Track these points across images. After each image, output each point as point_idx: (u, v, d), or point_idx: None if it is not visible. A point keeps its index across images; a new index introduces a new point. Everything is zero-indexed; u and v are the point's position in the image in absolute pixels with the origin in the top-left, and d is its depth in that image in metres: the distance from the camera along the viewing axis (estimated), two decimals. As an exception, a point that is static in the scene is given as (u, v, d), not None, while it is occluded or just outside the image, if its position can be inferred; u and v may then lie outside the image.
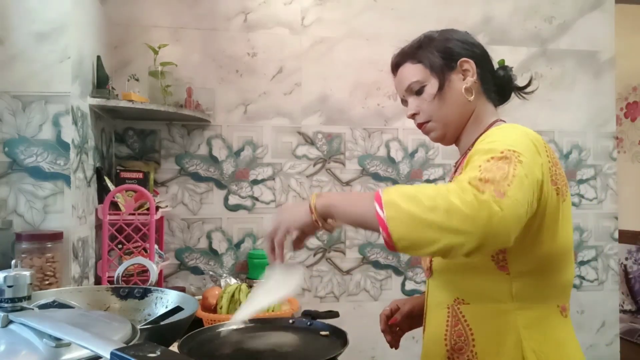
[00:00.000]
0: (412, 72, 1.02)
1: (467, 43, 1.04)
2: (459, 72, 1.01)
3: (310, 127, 2.18)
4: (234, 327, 1.10)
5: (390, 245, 0.75)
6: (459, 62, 1.00)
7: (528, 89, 1.09)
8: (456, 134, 1.04)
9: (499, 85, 1.06)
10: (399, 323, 1.15)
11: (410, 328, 1.18)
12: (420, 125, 1.06)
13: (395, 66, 1.07)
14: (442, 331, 0.95)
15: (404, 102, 1.09)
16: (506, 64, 1.08)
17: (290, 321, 1.13)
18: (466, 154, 1.01)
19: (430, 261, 0.98)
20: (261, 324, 1.13)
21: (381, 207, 0.75)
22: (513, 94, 1.10)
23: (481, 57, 1.03)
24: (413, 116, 1.06)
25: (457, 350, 0.92)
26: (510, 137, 0.84)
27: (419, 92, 1.02)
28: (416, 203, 0.73)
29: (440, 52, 1.01)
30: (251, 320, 1.14)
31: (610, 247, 2.43)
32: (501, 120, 1.03)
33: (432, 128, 1.04)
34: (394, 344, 1.16)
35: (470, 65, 1.01)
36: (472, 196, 0.71)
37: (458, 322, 0.93)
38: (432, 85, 1.00)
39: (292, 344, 1.02)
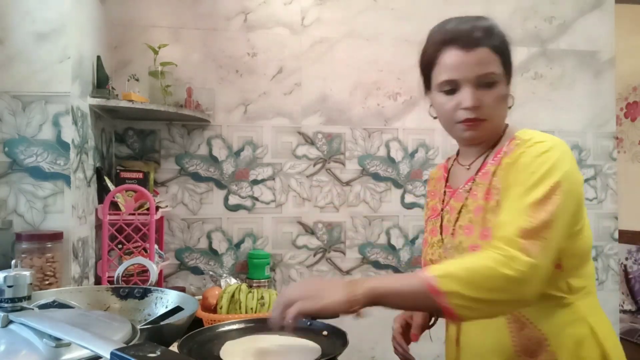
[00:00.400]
0: (494, 62, 0.92)
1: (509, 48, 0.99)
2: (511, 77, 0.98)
3: (310, 127, 2.18)
4: (234, 327, 1.10)
5: (456, 320, 0.82)
6: (512, 66, 0.97)
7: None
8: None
9: None
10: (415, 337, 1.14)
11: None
12: (472, 120, 0.93)
13: (475, 42, 0.92)
14: (505, 338, 0.92)
15: (449, 83, 0.94)
16: None
17: None
18: (484, 163, 0.98)
19: None
20: (261, 323, 1.12)
21: (442, 297, 0.76)
22: None
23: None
24: (473, 108, 0.92)
25: (531, 354, 0.90)
26: (552, 159, 0.85)
27: (489, 86, 0.92)
28: (478, 289, 0.76)
29: (510, 51, 0.96)
30: (250, 320, 1.14)
31: (610, 247, 2.43)
32: (507, 125, 1.02)
33: (485, 128, 0.95)
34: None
35: (512, 71, 0.98)
36: (523, 263, 0.76)
37: (524, 326, 0.91)
38: (504, 86, 0.94)
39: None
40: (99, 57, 1.68)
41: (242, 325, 1.11)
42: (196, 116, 1.94)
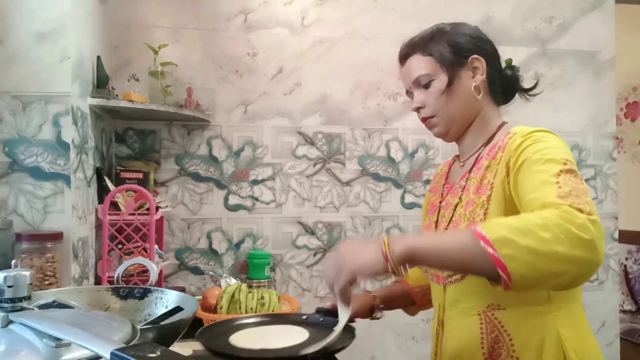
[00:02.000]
0: (422, 64, 1.00)
1: (479, 40, 1.03)
2: (469, 69, 1.00)
3: (310, 127, 2.18)
4: (251, 320, 1.11)
5: (507, 286, 0.69)
6: (469, 59, 1.00)
7: (533, 91, 1.09)
8: (460, 131, 1.04)
9: (505, 85, 1.06)
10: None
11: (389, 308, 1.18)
12: (424, 120, 1.04)
13: (404, 56, 1.04)
14: (475, 338, 0.92)
15: (409, 94, 1.06)
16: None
17: (304, 317, 1.14)
18: (479, 159, 0.99)
19: None
20: (275, 318, 1.14)
21: (491, 247, 0.68)
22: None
23: (491, 56, 1.04)
24: (418, 109, 1.03)
25: (495, 357, 0.90)
26: (554, 143, 0.87)
27: (426, 86, 1.00)
28: (533, 236, 0.67)
29: (452, 46, 0.99)
30: (265, 315, 1.17)
31: (610, 247, 2.43)
32: (505, 122, 1.04)
33: (436, 123, 1.02)
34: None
35: (480, 63, 1.00)
36: (584, 219, 0.68)
37: (494, 329, 0.91)
38: (440, 80, 0.99)
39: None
40: (99, 57, 1.68)
41: (258, 319, 1.12)
42: (196, 116, 1.94)
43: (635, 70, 3.62)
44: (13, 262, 0.69)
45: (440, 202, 1.07)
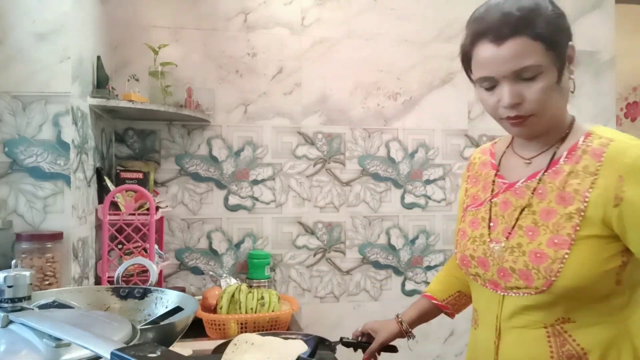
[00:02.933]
0: (532, 52, 0.80)
1: (566, 21, 0.86)
2: (567, 60, 0.85)
3: (310, 127, 2.18)
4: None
5: None
6: (569, 47, 0.85)
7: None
8: (547, 130, 0.90)
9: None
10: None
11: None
12: (517, 117, 0.85)
13: (504, 35, 0.81)
14: (543, 353, 0.85)
15: (486, 80, 0.85)
16: None
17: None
18: (555, 160, 0.88)
19: (550, 284, 0.82)
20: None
21: None
22: None
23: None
24: (513, 105, 0.83)
25: None
26: None
27: (530, 79, 0.81)
28: None
29: (558, 29, 0.82)
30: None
31: (610, 247, 2.43)
32: (574, 117, 0.93)
33: (533, 123, 0.85)
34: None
35: (574, 51, 0.86)
36: None
37: (565, 342, 0.84)
38: (550, 74, 0.82)
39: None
40: (99, 57, 1.68)
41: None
42: (196, 116, 1.94)
43: (635, 70, 3.62)
44: (13, 262, 0.69)
45: (492, 199, 0.95)
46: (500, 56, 0.81)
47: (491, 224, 0.93)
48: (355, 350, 1.21)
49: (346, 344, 1.21)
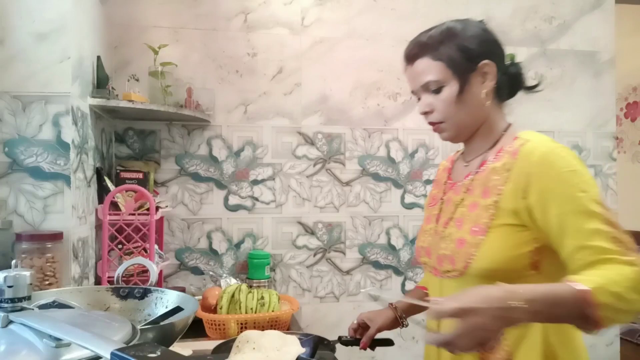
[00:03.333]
0: (433, 69, 0.98)
1: (489, 42, 1.01)
2: (479, 75, 0.98)
3: (310, 127, 2.18)
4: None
5: (596, 330, 0.81)
6: (480, 64, 0.98)
7: (536, 89, 1.08)
8: (468, 135, 1.04)
9: (510, 84, 1.04)
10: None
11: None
12: (432, 124, 1.03)
13: (412, 57, 1.01)
14: None
15: (415, 94, 1.05)
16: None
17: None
18: (485, 161, 1.00)
19: (467, 267, 0.94)
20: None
21: (596, 309, 0.78)
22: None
23: (500, 57, 1.01)
24: (425, 113, 1.02)
25: (489, 349, 0.93)
26: (581, 171, 0.89)
27: (436, 91, 0.99)
28: (625, 302, 0.79)
29: (463, 51, 0.97)
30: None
31: (610, 247, 2.43)
32: (510, 124, 1.04)
33: (445, 129, 1.02)
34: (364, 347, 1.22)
35: (491, 68, 0.99)
36: None
37: None
38: (451, 87, 0.97)
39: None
40: (99, 57, 1.68)
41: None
42: (196, 116, 1.94)
43: (635, 70, 3.62)
44: (13, 262, 0.69)
45: (442, 197, 1.09)
46: (412, 73, 1.02)
47: (438, 219, 1.07)
48: (353, 346, 1.21)
49: (344, 342, 1.21)
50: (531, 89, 1.08)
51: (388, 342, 1.22)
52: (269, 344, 0.99)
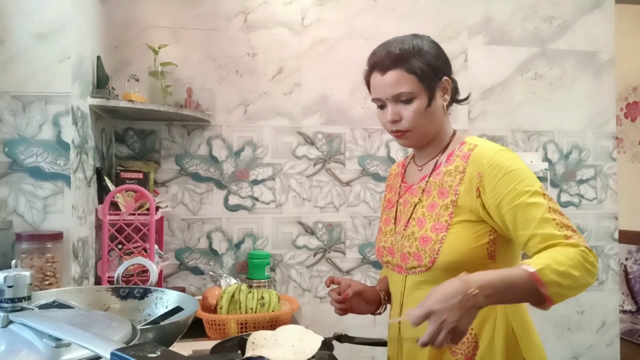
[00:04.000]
0: (406, 81, 1.04)
1: (446, 60, 1.11)
2: (441, 89, 1.08)
3: (310, 127, 2.18)
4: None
5: (549, 305, 0.91)
6: (442, 80, 1.08)
7: (465, 102, 1.20)
8: (426, 142, 1.13)
9: (452, 96, 1.14)
10: (349, 298, 1.20)
11: (354, 309, 1.23)
12: (397, 132, 1.09)
13: (386, 68, 1.07)
14: None
15: (378, 101, 1.10)
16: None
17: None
18: (438, 165, 1.10)
19: (433, 261, 1.02)
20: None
21: (544, 287, 0.87)
22: None
23: (450, 73, 1.12)
24: (394, 122, 1.08)
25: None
26: (523, 168, 1.00)
27: (406, 102, 1.05)
28: (570, 278, 0.89)
29: (431, 67, 1.06)
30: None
31: (610, 247, 2.43)
32: (456, 130, 1.15)
33: (410, 137, 1.10)
34: (341, 312, 1.23)
35: (449, 84, 1.09)
36: (593, 258, 0.92)
37: None
38: (422, 100, 1.05)
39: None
40: (99, 57, 1.68)
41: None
42: (196, 116, 1.94)
43: (635, 70, 3.62)
44: (13, 262, 0.70)
45: (398, 200, 1.18)
46: (384, 83, 1.06)
47: (397, 221, 1.15)
48: (346, 342, 1.20)
49: (339, 337, 1.21)
50: (462, 101, 1.19)
51: (382, 343, 1.22)
52: (289, 338, 1.02)
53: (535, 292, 0.88)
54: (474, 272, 0.90)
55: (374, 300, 1.24)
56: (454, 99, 1.16)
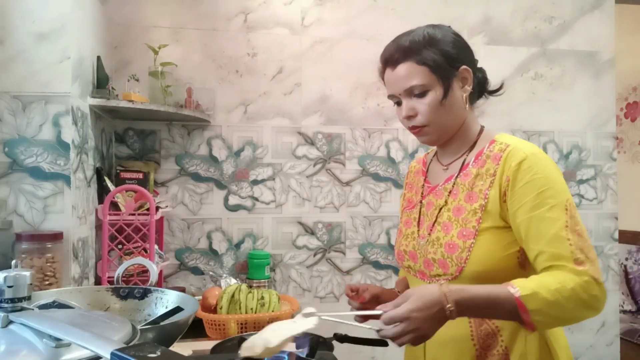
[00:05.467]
0: (418, 74, 0.99)
1: (466, 48, 1.04)
2: (459, 80, 1.01)
3: (310, 127, 2.18)
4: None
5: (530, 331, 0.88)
6: (460, 70, 1.01)
7: (498, 93, 1.12)
8: (447, 138, 1.06)
9: (478, 87, 1.07)
10: (367, 303, 1.16)
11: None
12: (414, 128, 1.03)
13: (394, 62, 1.01)
14: (466, 333, 0.99)
15: (394, 97, 1.05)
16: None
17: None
18: (465, 165, 1.03)
19: (461, 270, 0.96)
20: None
21: (527, 314, 0.83)
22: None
23: (473, 63, 1.05)
24: (409, 117, 1.02)
25: (486, 348, 0.98)
26: (553, 177, 0.93)
27: (420, 95, 0.99)
28: (560, 308, 0.84)
29: (445, 56, 0.99)
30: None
31: (610, 248, 2.43)
32: (483, 126, 1.08)
33: (428, 132, 1.03)
34: (361, 319, 1.19)
35: (469, 73, 1.02)
36: (597, 292, 0.85)
37: (483, 322, 0.98)
38: (436, 92, 0.99)
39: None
40: (99, 57, 1.68)
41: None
42: (196, 116, 1.94)
43: (635, 70, 3.62)
44: (13, 262, 0.70)
45: (421, 201, 1.11)
46: (395, 77, 1.01)
47: (420, 224, 1.08)
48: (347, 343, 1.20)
49: (339, 338, 1.20)
50: (494, 92, 1.11)
51: (382, 343, 1.21)
52: (280, 324, 1.01)
53: (517, 316, 0.84)
54: (456, 285, 0.88)
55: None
56: (484, 91, 1.09)
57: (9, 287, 0.63)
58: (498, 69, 2.32)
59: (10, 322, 0.61)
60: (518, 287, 0.84)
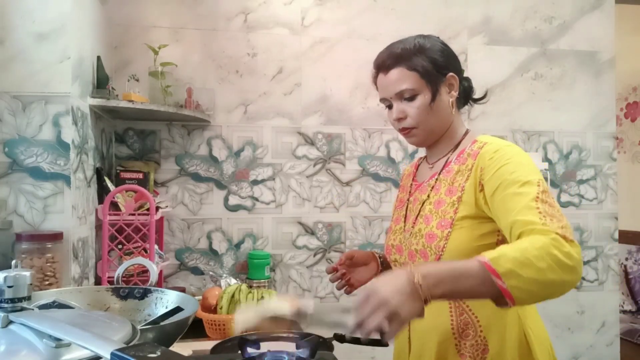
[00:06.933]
0: (407, 79, 1.06)
1: (452, 57, 1.11)
2: (446, 85, 1.09)
3: (310, 127, 2.18)
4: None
5: (512, 305, 0.82)
6: (447, 76, 1.08)
7: (482, 101, 1.21)
8: (434, 140, 1.13)
9: (464, 94, 1.16)
10: (344, 272, 1.22)
11: (355, 280, 1.24)
12: (404, 129, 1.10)
13: (387, 67, 1.09)
14: (446, 321, 1.04)
15: (385, 101, 1.13)
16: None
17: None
18: (448, 162, 1.09)
19: (439, 258, 1.01)
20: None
21: (500, 279, 0.78)
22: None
23: (459, 71, 1.12)
24: (399, 120, 1.09)
25: (464, 337, 1.02)
26: (525, 162, 0.96)
27: (409, 99, 1.07)
28: (532, 268, 0.79)
29: (433, 63, 1.07)
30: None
31: (610, 248, 2.43)
32: (469, 130, 1.15)
33: (416, 134, 1.10)
34: (346, 289, 1.25)
35: (455, 80, 1.10)
36: (569, 248, 0.81)
37: (463, 312, 1.03)
38: (425, 96, 1.06)
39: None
40: (99, 57, 1.68)
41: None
42: (196, 116, 1.94)
43: (635, 70, 3.62)
44: (13, 262, 0.69)
45: (408, 199, 1.18)
46: (387, 81, 1.09)
47: (406, 219, 1.14)
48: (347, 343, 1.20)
49: (339, 338, 1.20)
50: (478, 100, 1.20)
51: (382, 343, 1.21)
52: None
53: (492, 286, 0.79)
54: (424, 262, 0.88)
55: (368, 260, 1.26)
56: (469, 98, 1.17)
57: (9, 287, 0.63)
58: (498, 69, 2.32)
59: (10, 322, 0.61)
60: (485, 255, 0.81)
